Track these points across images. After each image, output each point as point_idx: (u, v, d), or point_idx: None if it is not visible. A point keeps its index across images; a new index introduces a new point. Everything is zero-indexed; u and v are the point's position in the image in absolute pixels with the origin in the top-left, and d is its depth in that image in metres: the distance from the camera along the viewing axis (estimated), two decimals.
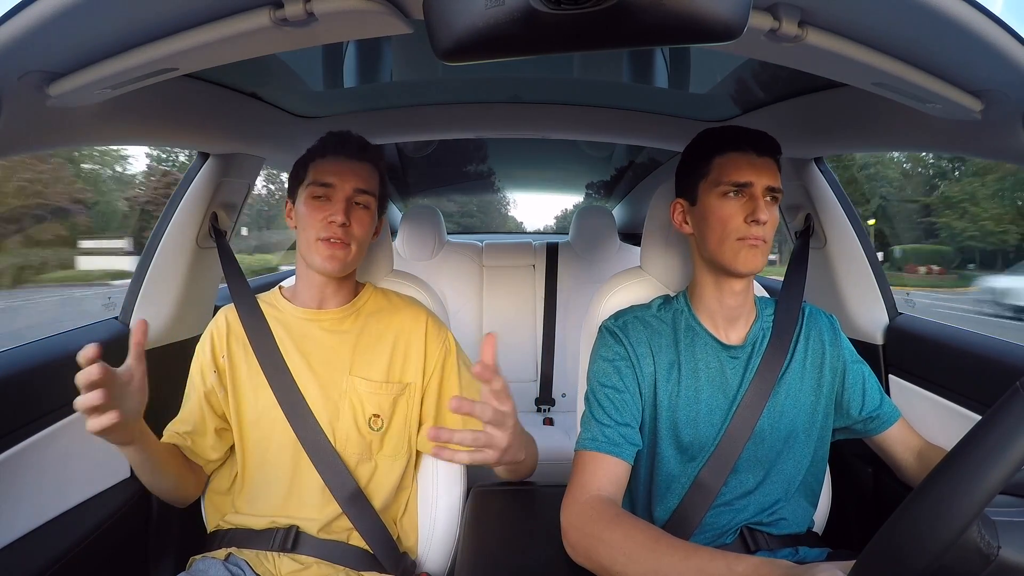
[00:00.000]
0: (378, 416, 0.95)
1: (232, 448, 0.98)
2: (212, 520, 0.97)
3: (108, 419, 0.67)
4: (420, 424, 0.99)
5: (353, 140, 0.97)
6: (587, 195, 3.31)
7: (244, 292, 1.02)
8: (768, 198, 0.84)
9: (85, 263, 8.87)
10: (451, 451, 0.68)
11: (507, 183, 3.30)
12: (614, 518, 0.73)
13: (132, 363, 0.75)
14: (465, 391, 0.99)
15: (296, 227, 0.96)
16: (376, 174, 0.98)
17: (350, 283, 1.01)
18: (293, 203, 0.98)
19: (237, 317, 0.99)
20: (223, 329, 0.98)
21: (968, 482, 0.39)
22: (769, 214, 0.83)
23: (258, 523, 0.92)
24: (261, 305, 0.99)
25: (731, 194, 0.84)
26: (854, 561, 0.46)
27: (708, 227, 0.86)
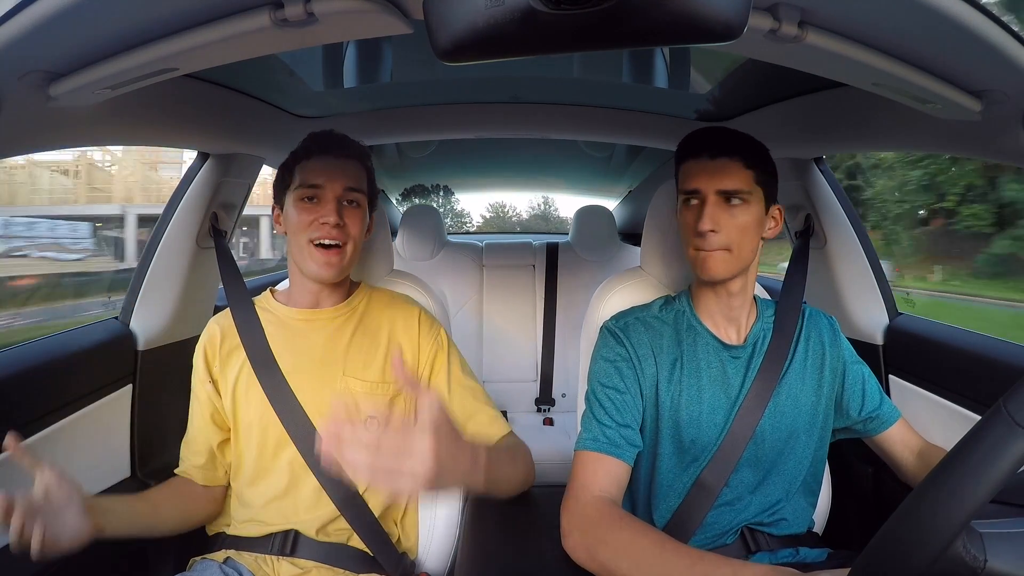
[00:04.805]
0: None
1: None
2: (212, 522, 0.97)
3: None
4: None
5: (338, 139, 0.95)
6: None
7: (240, 293, 1.01)
8: (736, 200, 0.82)
9: None
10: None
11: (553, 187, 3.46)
12: (618, 520, 0.73)
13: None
14: (454, 390, 0.96)
15: (286, 232, 0.94)
16: (364, 171, 0.96)
17: (345, 282, 1.00)
18: (281, 208, 0.95)
19: (227, 323, 0.97)
20: (215, 338, 0.96)
21: (950, 500, 0.39)
22: (718, 221, 0.80)
23: (258, 528, 0.91)
24: (255, 307, 0.98)
25: (690, 201, 0.84)
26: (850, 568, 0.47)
27: (680, 233, 0.88)
